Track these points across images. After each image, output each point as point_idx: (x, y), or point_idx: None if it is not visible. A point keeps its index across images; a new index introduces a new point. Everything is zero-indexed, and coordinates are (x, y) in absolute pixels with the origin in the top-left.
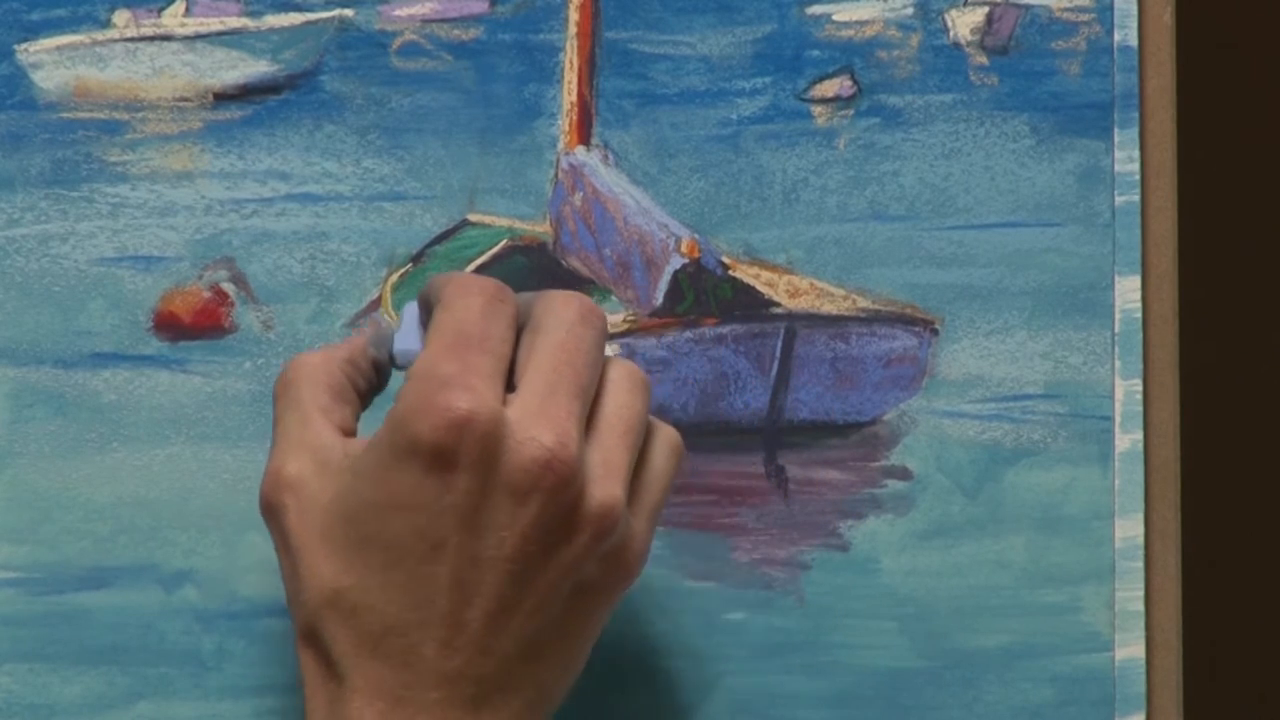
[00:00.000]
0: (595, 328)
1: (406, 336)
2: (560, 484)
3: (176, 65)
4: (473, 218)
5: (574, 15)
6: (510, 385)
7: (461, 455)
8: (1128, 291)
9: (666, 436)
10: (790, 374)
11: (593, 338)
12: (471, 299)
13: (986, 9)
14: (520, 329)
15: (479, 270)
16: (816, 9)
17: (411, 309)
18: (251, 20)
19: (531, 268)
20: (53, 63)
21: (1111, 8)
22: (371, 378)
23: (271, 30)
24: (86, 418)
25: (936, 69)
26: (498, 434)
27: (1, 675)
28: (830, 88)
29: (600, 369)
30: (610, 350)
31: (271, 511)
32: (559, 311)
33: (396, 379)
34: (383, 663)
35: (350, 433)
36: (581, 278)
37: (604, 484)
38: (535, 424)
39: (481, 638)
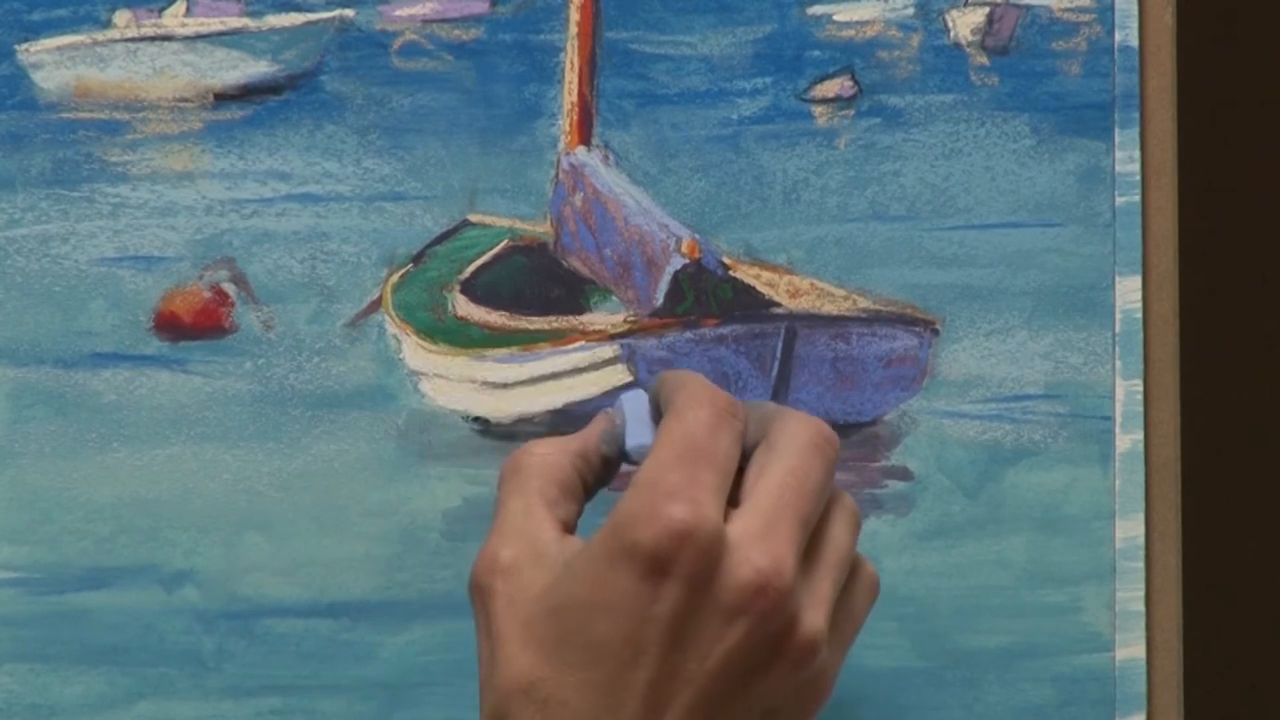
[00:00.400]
0: (828, 457)
1: (638, 432)
2: (771, 610)
3: (177, 65)
4: (473, 218)
5: (574, 15)
6: (733, 500)
7: (677, 566)
8: (1128, 291)
9: (868, 575)
10: (791, 374)
11: (824, 467)
12: (703, 410)
13: (987, 9)
14: (751, 443)
15: (479, 270)
16: (817, 9)
17: (636, 401)
18: (252, 20)
19: (532, 268)
20: (53, 63)
21: (1112, 8)
22: (600, 473)
23: (272, 30)
24: (86, 418)
25: (937, 69)
26: (716, 551)
27: (2, 675)
28: (831, 88)
29: (825, 502)
30: (611, 351)
31: (480, 593)
32: (795, 435)
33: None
34: None
35: (571, 529)
36: (582, 278)
37: (811, 616)
38: (755, 547)
39: None
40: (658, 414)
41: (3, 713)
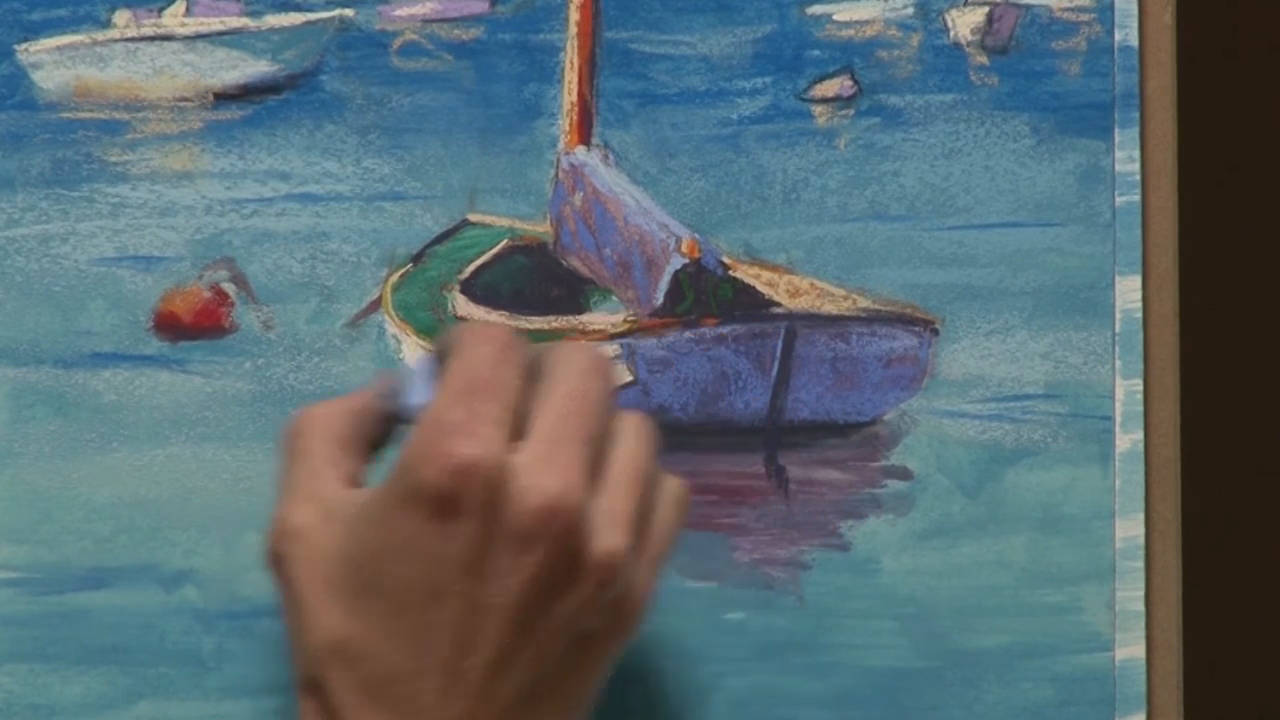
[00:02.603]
0: (605, 377)
1: (418, 390)
2: (564, 532)
3: (177, 65)
4: (473, 218)
5: (574, 15)
6: (521, 434)
7: (465, 502)
8: (1128, 291)
9: (672, 487)
10: (790, 374)
11: (601, 387)
12: (482, 346)
13: (987, 9)
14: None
15: (479, 270)
16: (817, 9)
17: (426, 362)
18: (252, 20)
19: (532, 268)
20: (53, 63)
21: (1112, 8)
22: (381, 429)
23: (272, 30)
24: (86, 418)
25: (937, 69)
26: (502, 480)
27: (2, 675)
28: (830, 88)
29: (609, 419)
30: (611, 351)
31: (276, 562)
32: (569, 360)
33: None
34: (384, 711)
35: (359, 485)
36: (582, 278)
37: (608, 533)
38: (541, 471)
39: (482, 685)
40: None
41: (3, 713)
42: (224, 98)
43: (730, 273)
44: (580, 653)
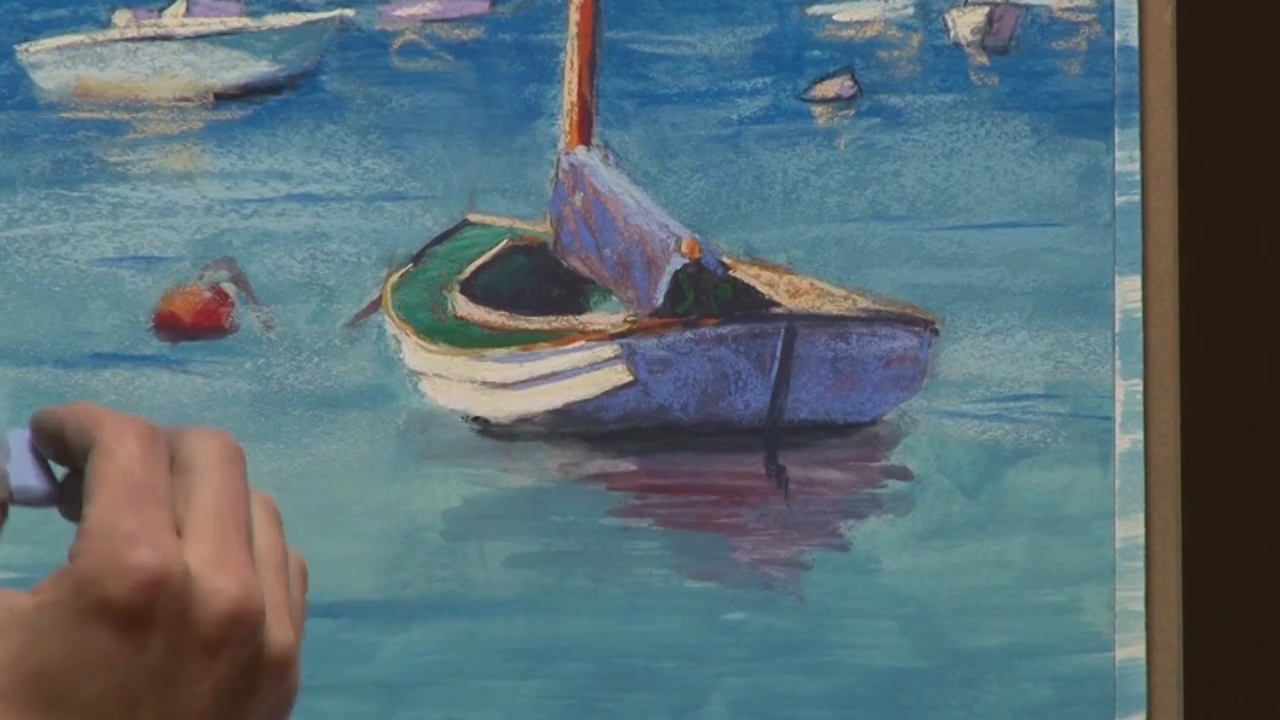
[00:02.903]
0: (242, 467)
1: (22, 472)
2: (248, 634)
3: (177, 65)
4: (473, 218)
5: (574, 15)
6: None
7: (156, 614)
8: (1128, 291)
9: (296, 562)
10: (790, 374)
11: (242, 474)
12: (131, 444)
13: (987, 9)
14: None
15: (479, 270)
16: (817, 9)
17: (19, 440)
18: (252, 20)
19: (532, 268)
20: (53, 63)
21: (1112, 8)
22: None
23: (272, 30)
24: None
25: (937, 69)
26: (187, 589)
27: None
28: (830, 88)
29: (250, 504)
30: (610, 351)
31: None
32: (208, 451)
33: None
34: None
35: None
36: (582, 277)
37: (279, 628)
38: (219, 575)
39: None
40: (55, 448)
41: None
42: (224, 98)
43: (730, 273)
44: None
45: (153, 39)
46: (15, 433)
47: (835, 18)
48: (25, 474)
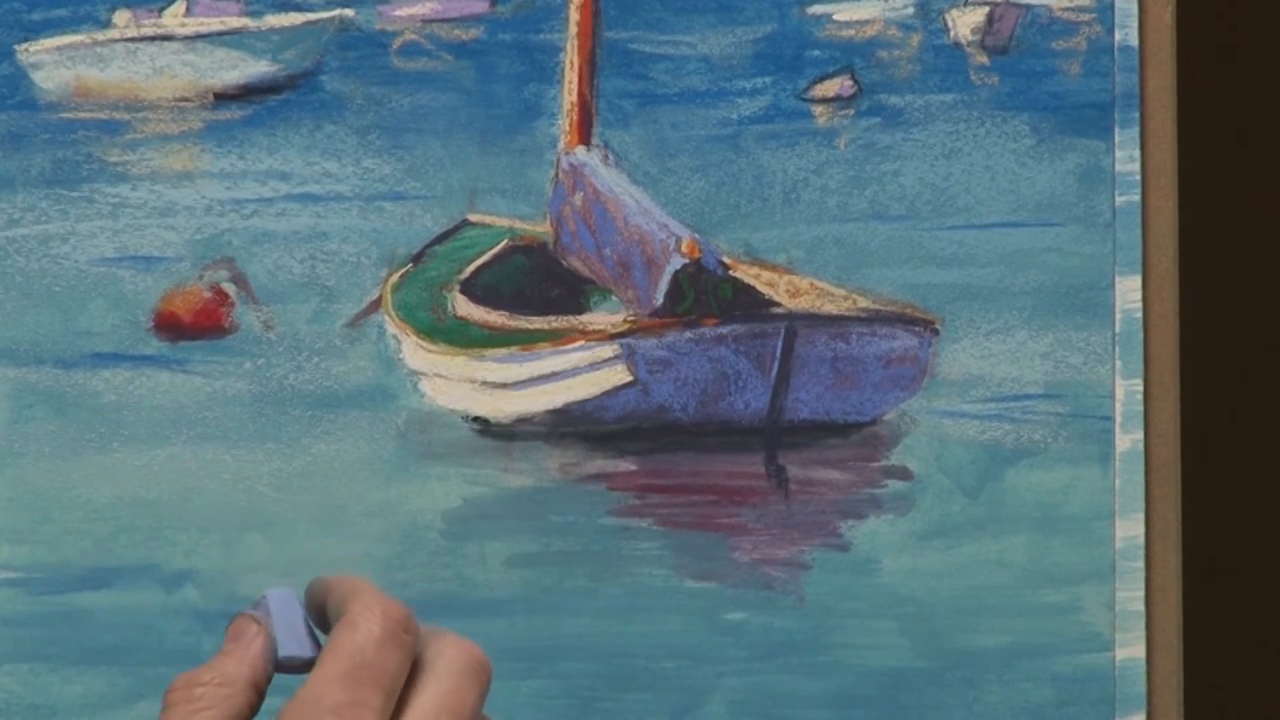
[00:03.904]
0: (483, 683)
1: (289, 642)
2: None
3: (177, 65)
4: (473, 218)
5: (574, 15)
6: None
7: None
8: (1128, 291)
9: None
10: (790, 374)
11: (479, 692)
12: (375, 624)
13: (987, 9)
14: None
15: (479, 270)
16: (817, 9)
17: (285, 604)
18: (252, 20)
19: (531, 268)
20: (53, 63)
21: (1112, 7)
22: (262, 697)
23: (272, 30)
24: (86, 418)
25: (937, 69)
26: None
27: (2, 675)
28: (830, 88)
29: None
30: (610, 350)
31: None
32: (453, 658)
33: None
34: None
35: None
36: (582, 277)
37: None
38: None
39: None
40: (319, 617)
41: (2, 713)
42: (224, 98)
43: (730, 273)
44: None
45: (153, 39)
46: (276, 593)
47: (835, 18)
48: (291, 642)
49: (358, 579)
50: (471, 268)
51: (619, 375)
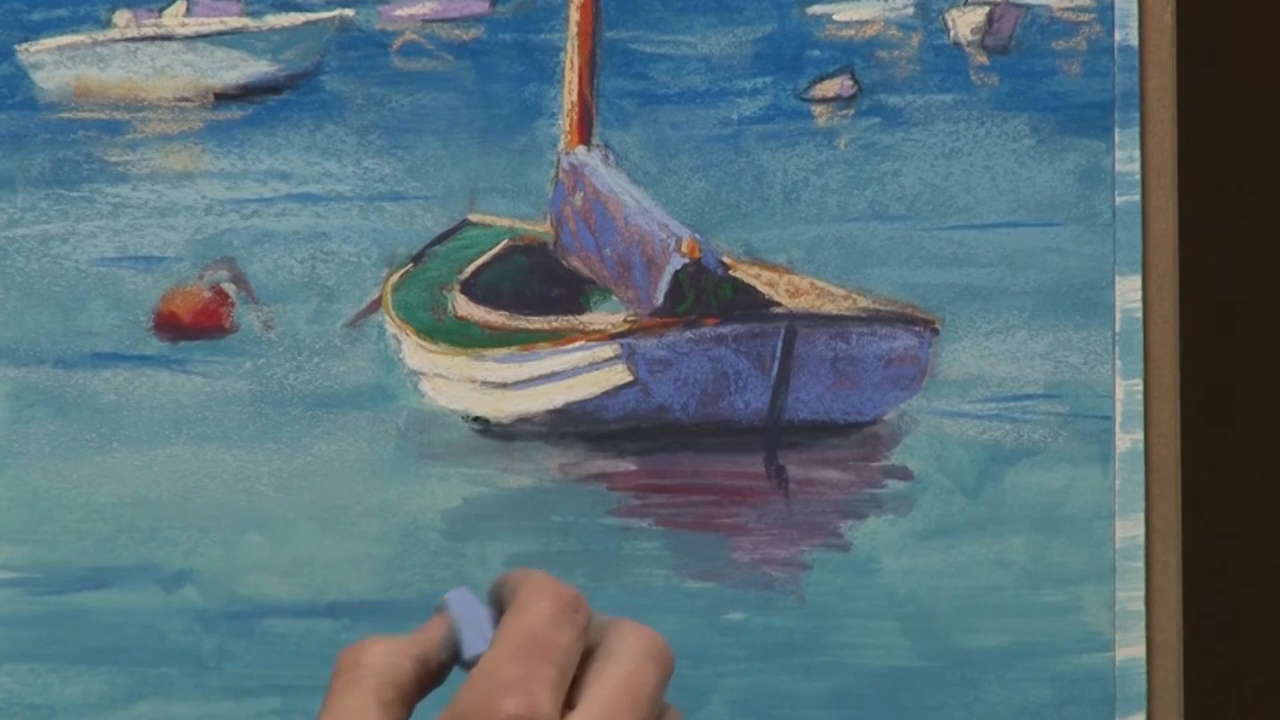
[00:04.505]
0: (663, 668)
1: (475, 640)
2: None
3: (177, 65)
4: (473, 218)
5: (574, 15)
6: (569, 702)
7: None
8: (1128, 291)
9: None
10: (790, 374)
11: (659, 676)
12: (545, 604)
13: (987, 9)
14: (589, 646)
15: (479, 270)
16: (817, 9)
17: (469, 605)
18: (252, 20)
19: (532, 268)
20: (53, 63)
21: (1112, 8)
22: (435, 678)
23: (272, 30)
24: (86, 418)
25: (937, 69)
26: None
27: (2, 675)
28: (831, 88)
29: (658, 710)
30: (610, 350)
31: None
32: (633, 642)
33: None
34: None
35: None
36: (582, 277)
37: None
38: None
39: None
40: (499, 614)
41: (2, 713)
42: (224, 98)
43: (730, 273)
44: None
45: (153, 39)
46: (456, 595)
47: (835, 18)
48: (477, 640)
49: (531, 569)
50: (472, 268)
51: (619, 375)
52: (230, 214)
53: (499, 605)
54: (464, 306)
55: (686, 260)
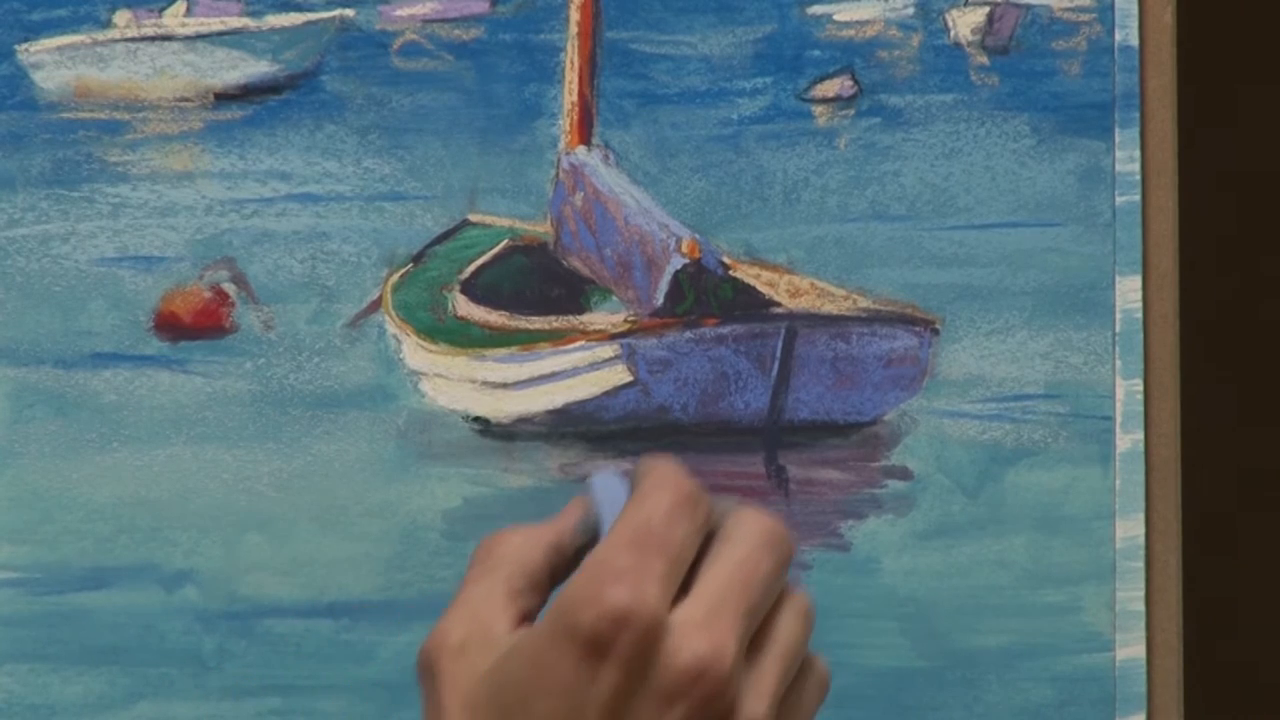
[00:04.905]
0: (781, 553)
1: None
2: (709, 697)
3: (177, 65)
4: (473, 218)
5: (575, 15)
6: (687, 589)
7: (615, 648)
8: (1128, 291)
9: (818, 671)
10: (790, 374)
11: (775, 561)
12: (665, 496)
13: (987, 9)
14: (710, 534)
15: (479, 270)
16: (817, 9)
17: (611, 489)
18: (252, 20)
19: (532, 268)
20: (53, 63)
21: (1112, 8)
22: (571, 564)
23: (272, 30)
24: (86, 418)
25: (937, 69)
26: (655, 635)
27: (2, 675)
28: (831, 88)
29: (775, 595)
30: (610, 350)
31: (427, 673)
32: (748, 528)
33: None
34: None
35: (531, 620)
36: (582, 277)
37: (751, 705)
38: (696, 634)
39: None
40: None
41: (3, 713)
42: (224, 98)
43: (730, 273)
44: None
45: (153, 39)
46: (600, 479)
47: (835, 18)
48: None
49: (663, 459)
50: (472, 268)
51: (619, 375)
52: (230, 214)
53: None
54: (464, 306)
55: (686, 260)
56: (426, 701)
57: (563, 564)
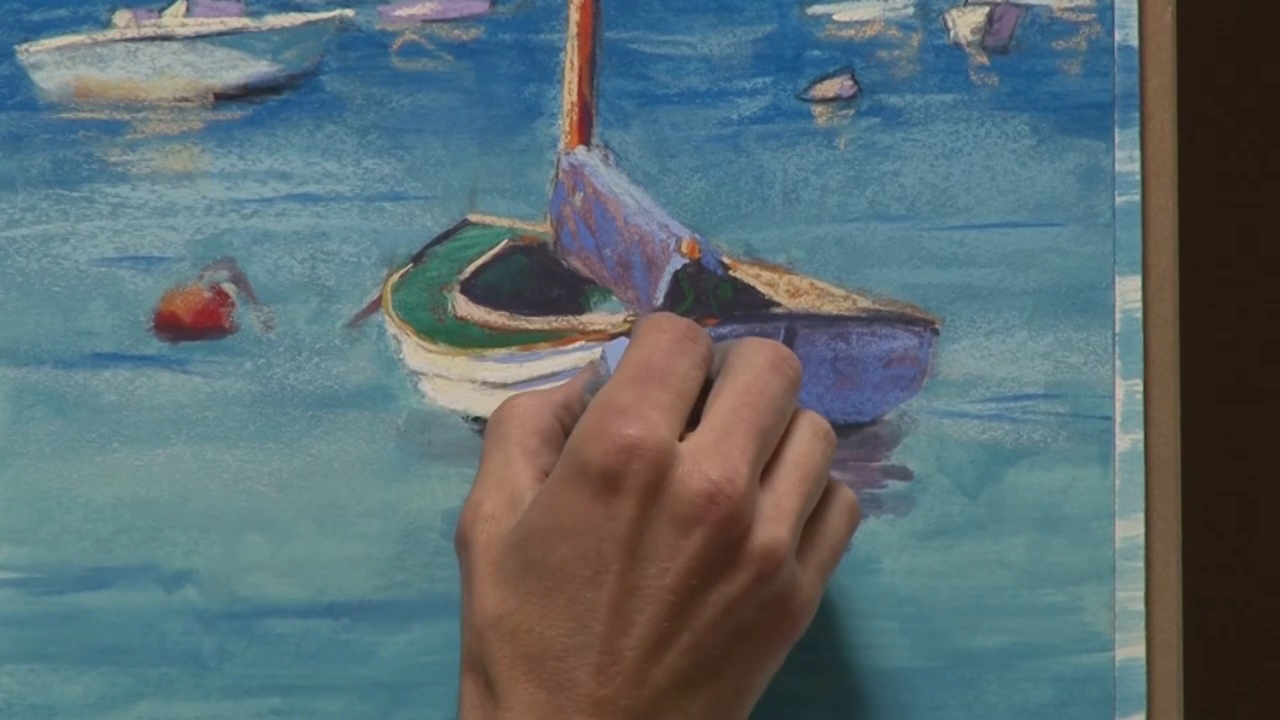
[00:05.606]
0: (785, 375)
1: None
2: (725, 519)
3: (177, 65)
4: (473, 218)
5: (574, 15)
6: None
7: (627, 480)
8: (1128, 291)
9: (844, 497)
10: None
11: (780, 384)
12: (662, 335)
13: (987, 9)
14: (715, 373)
15: (479, 270)
16: (817, 9)
17: (620, 351)
18: (252, 20)
19: (532, 268)
20: (53, 63)
21: (1112, 8)
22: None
23: (272, 30)
24: (86, 418)
25: (937, 69)
26: (666, 463)
27: (2, 675)
28: (831, 88)
29: (786, 417)
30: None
31: (463, 544)
32: (749, 356)
33: None
34: (537, 685)
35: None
36: (582, 277)
37: (771, 526)
38: (706, 458)
39: (636, 667)
40: None
41: (3, 713)
42: (224, 98)
43: (730, 273)
44: (739, 646)
45: (153, 39)
46: (613, 345)
47: (835, 18)
48: None
49: (660, 312)
50: (471, 268)
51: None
52: (230, 214)
53: None
54: (464, 306)
55: (686, 260)
56: (464, 571)
57: (573, 422)
